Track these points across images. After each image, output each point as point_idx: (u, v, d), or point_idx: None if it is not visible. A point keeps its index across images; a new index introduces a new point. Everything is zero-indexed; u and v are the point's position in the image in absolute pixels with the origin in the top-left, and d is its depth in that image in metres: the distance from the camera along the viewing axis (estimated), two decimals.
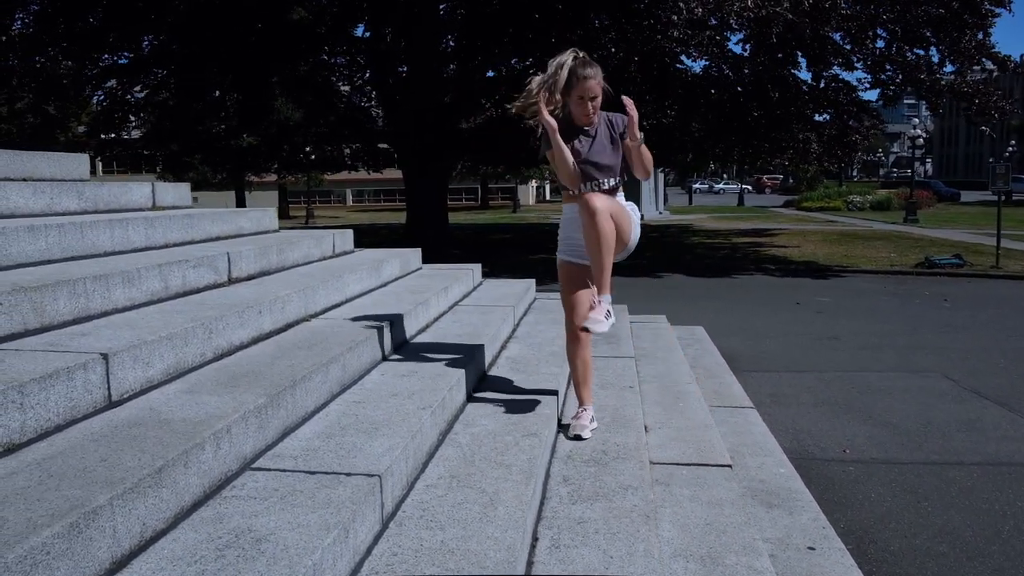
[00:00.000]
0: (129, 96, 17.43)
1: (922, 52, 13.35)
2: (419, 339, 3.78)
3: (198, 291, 3.22)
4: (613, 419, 3.52)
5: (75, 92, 15.16)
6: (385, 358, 3.31)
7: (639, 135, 2.94)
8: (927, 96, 12.70)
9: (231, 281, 3.50)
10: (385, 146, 22.39)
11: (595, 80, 2.96)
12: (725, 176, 74.15)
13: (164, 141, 18.71)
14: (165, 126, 17.88)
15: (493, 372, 3.76)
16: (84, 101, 16.58)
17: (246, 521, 1.76)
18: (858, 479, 4.03)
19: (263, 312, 3.01)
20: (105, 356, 2.09)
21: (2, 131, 16.50)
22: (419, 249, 5.49)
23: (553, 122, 2.95)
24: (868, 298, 10.28)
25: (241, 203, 41.55)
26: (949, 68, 13.44)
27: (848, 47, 13.16)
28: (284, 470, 2.07)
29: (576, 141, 3.06)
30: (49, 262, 2.89)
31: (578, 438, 3.14)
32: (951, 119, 72.31)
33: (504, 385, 3.54)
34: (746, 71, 14.21)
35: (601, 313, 2.96)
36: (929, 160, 78.80)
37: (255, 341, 2.93)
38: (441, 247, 15.80)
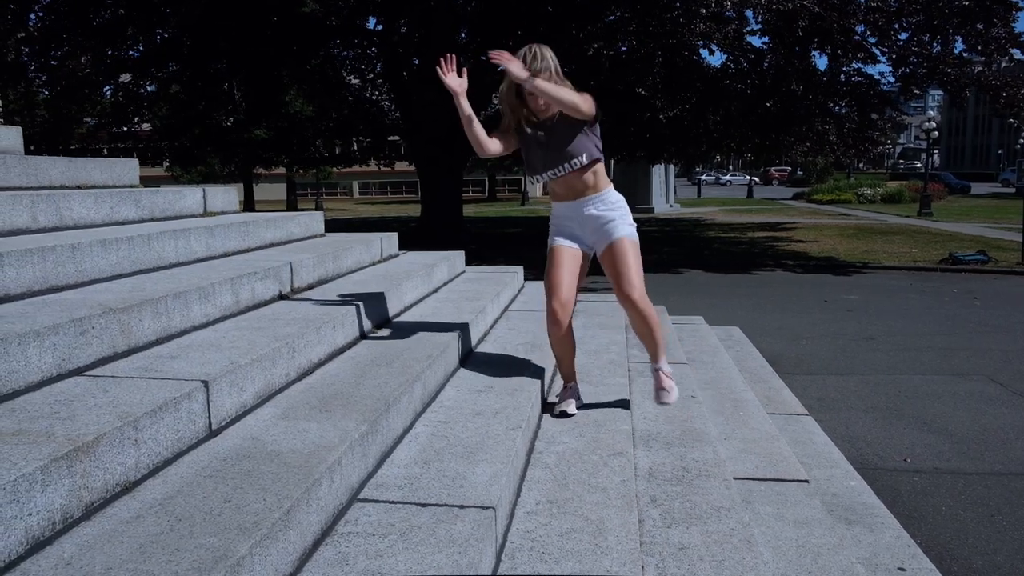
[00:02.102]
0: (142, 90, 17.33)
1: (945, 43, 13.19)
2: (481, 349, 3.71)
3: (265, 303, 3.14)
4: (684, 432, 3.44)
5: (91, 88, 15.06)
6: (455, 371, 3.24)
7: (523, 74, 2.80)
8: (952, 89, 12.55)
9: (294, 291, 3.42)
10: (396, 138, 22.30)
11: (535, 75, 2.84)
12: (731, 168, 73.86)
13: (175, 134, 18.63)
14: (178, 119, 17.79)
15: (556, 382, 3.68)
16: (98, 97, 16.47)
17: (372, 563, 1.68)
18: (925, 490, 3.96)
19: (336, 327, 2.94)
20: (206, 383, 2.01)
21: (15, 124, 16.40)
22: (463, 252, 5.42)
23: (454, 87, 2.99)
24: (896, 296, 10.18)
25: (249, 196, 41.40)
26: (971, 58, 13.28)
27: (872, 40, 13.01)
28: (393, 502, 1.99)
29: (538, 134, 3.05)
30: (120, 276, 2.81)
31: (564, 415, 3.14)
32: (958, 110, 71.93)
33: None
34: (765, 64, 14.07)
35: (668, 382, 3.31)
36: (936, 151, 78.42)
37: (331, 357, 2.86)
38: (456, 242, 15.73)
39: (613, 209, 3.14)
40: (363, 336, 3.21)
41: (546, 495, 2.39)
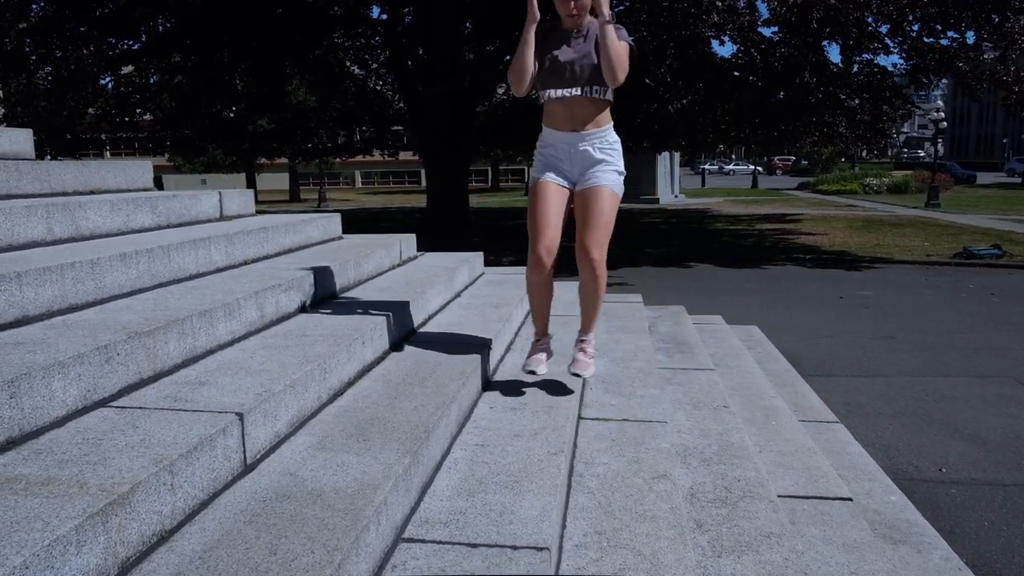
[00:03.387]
0: (144, 81, 17.14)
1: (957, 35, 13.00)
2: (509, 360, 3.58)
3: (290, 316, 3.02)
4: (722, 447, 3.32)
5: (92, 79, 14.87)
6: (487, 387, 3.11)
7: (607, 11, 2.66)
8: (967, 82, 12.35)
9: (318, 302, 3.30)
10: (399, 129, 22.10)
11: None
12: (734, 156, 73.57)
13: (178, 125, 18.44)
14: (181, 110, 17.60)
15: (587, 395, 3.56)
16: (100, 89, 16.27)
17: None
18: (965, 504, 3.84)
19: (365, 342, 2.81)
20: (240, 416, 1.89)
21: (18, 114, 16.22)
22: (481, 253, 5.29)
23: (536, 13, 2.75)
24: (912, 292, 10.05)
25: (251, 185, 41.29)
26: (985, 52, 13.08)
27: (883, 30, 12.82)
28: (441, 542, 1.87)
29: (567, 44, 2.80)
30: (140, 291, 2.68)
31: (532, 373, 3.01)
32: (963, 99, 71.55)
33: (603, 410, 3.34)
34: (776, 55, 13.87)
35: (590, 355, 3.07)
36: (940, 140, 78.04)
37: (360, 375, 2.73)
38: (462, 234, 15.58)
39: (608, 151, 2.90)
40: (391, 349, 3.09)
41: (593, 525, 2.27)
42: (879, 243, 14.62)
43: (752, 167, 45.79)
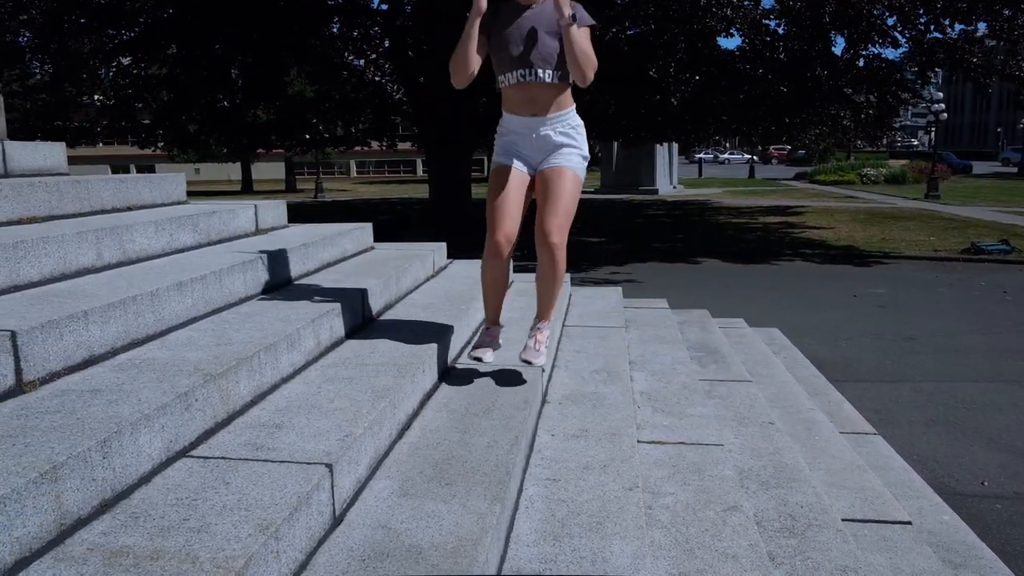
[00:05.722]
0: (140, 72, 16.91)
1: (965, 27, 12.93)
2: (558, 378, 3.51)
3: (342, 341, 2.94)
4: (776, 468, 3.28)
5: (91, 70, 14.65)
6: (541, 411, 3.05)
7: (566, 11, 2.52)
8: (976, 75, 12.30)
9: (366, 322, 3.22)
10: (397, 119, 21.88)
11: None
12: (728, 145, 73.43)
13: (175, 117, 18.20)
14: (179, 101, 17.38)
15: (638, 415, 3.50)
16: (99, 80, 16.05)
17: None
18: (1012, 520, 3.82)
19: (425, 370, 2.74)
20: (330, 467, 1.82)
21: (16, 106, 15.99)
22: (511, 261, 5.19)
23: (482, 5, 2.59)
24: (925, 290, 10.03)
25: (247, 176, 40.98)
26: (994, 45, 13.04)
27: (891, 23, 12.74)
28: None
29: (516, 23, 2.64)
30: (194, 319, 2.60)
31: (479, 360, 2.86)
32: (957, 87, 71.63)
33: (656, 432, 3.29)
34: (782, 47, 13.78)
35: (543, 344, 2.91)
36: (934, 129, 78.09)
37: (422, 404, 2.67)
38: (466, 229, 15.46)
39: (571, 134, 2.77)
40: (445, 373, 3.02)
41: (676, 566, 2.22)
42: (885, 237, 14.61)
43: (747, 156, 45.74)
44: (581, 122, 2.84)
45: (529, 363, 2.89)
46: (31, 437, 1.57)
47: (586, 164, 2.85)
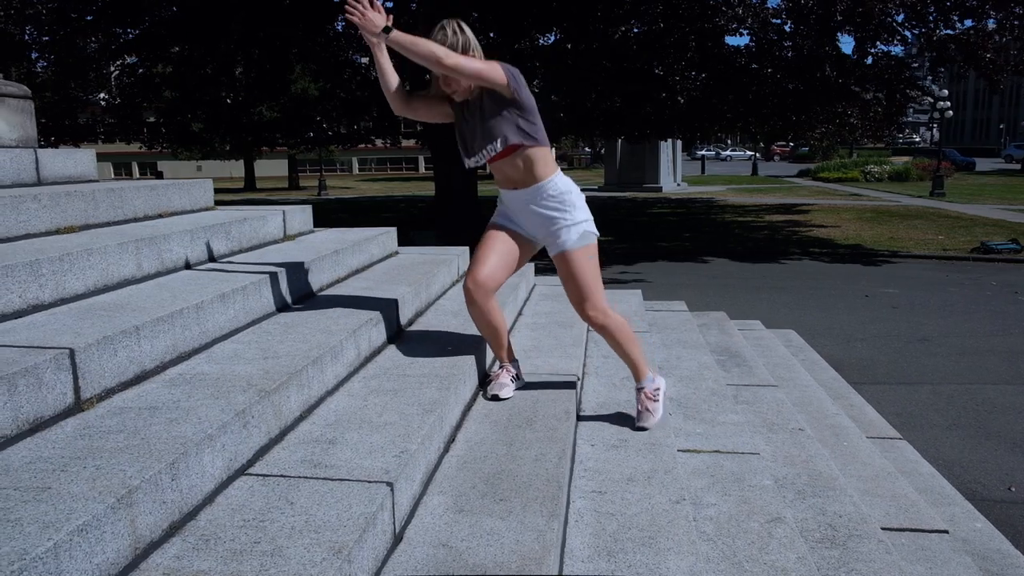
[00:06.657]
0: (145, 71, 16.88)
1: (974, 22, 12.88)
2: (589, 387, 3.51)
3: (379, 351, 2.93)
4: (811, 477, 3.28)
5: (98, 69, 14.62)
6: (578, 422, 3.04)
7: (376, 28, 2.48)
8: (988, 72, 12.26)
9: (400, 331, 3.21)
10: (402, 117, 21.87)
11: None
12: (729, 142, 73.35)
13: (179, 115, 18.19)
14: (184, 99, 17.36)
15: (670, 422, 3.49)
16: (105, 78, 16.01)
17: None
18: None
19: (466, 380, 2.73)
20: (391, 485, 1.81)
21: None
22: (532, 265, 5.19)
23: (370, 39, 2.54)
24: (936, 290, 10.02)
25: (250, 173, 40.94)
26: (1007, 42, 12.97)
27: (899, 19, 12.71)
28: None
29: (465, 113, 2.73)
30: (236, 331, 2.59)
31: (496, 398, 2.87)
32: (959, 83, 71.47)
33: (691, 440, 3.28)
34: (788, 44, 13.74)
35: (646, 406, 2.95)
36: (936, 126, 78.02)
37: (464, 415, 2.66)
38: (472, 227, 15.44)
39: (557, 207, 2.75)
40: (480, 384, 3.01)
41: None
42: (892, 236, 14.59)
43: (750, 153, 45.70)
44: (567, 187, 2.77)
45: (643, 428, 2.93)
46: (100, 459, 1.56)
47: (588, 224, 2.80)
